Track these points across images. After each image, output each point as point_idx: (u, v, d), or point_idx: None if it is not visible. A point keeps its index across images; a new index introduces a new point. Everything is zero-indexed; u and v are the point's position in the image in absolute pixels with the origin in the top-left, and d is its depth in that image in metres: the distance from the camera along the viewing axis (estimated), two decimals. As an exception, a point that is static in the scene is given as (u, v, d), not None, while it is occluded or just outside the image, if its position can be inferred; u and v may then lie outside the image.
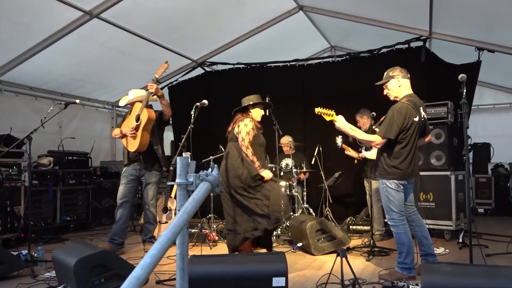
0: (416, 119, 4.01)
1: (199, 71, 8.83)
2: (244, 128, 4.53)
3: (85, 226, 7.40)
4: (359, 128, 5.81)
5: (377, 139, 3.98)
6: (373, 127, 4.98)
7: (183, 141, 4.15)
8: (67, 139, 7.27)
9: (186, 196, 1.99)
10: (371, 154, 5.11)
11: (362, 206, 6.78)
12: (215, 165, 2.06)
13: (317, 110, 4.20)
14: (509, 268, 2.46)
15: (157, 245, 1.57)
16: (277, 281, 2.79)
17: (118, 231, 5.46)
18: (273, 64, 8.28)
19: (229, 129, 4.75)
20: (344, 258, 3.26)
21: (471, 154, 8.93)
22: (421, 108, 4.15)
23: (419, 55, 6.89)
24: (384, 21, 7.16)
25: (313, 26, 8.61)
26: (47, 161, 6.81)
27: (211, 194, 6.61)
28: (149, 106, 5.43)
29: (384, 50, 7.33)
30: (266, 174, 4.45)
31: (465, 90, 3.77)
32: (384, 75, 4.22)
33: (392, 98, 4.22)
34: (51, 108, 4.79)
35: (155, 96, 5.36)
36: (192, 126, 4.30)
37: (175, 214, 5.93)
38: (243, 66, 8.46)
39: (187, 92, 8.67)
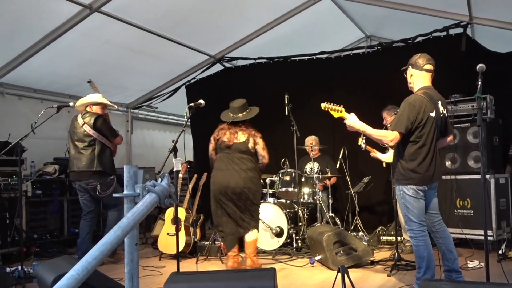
0: (433, 114, 3.87)
1: (218, 67, 8.86)
2: (263, 144, 5.22)
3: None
4: (384, 126, 5.67)
5: (388, 134, 3.86)
6: (388, 125, 4.84)
7: (173, 145, 4.16)
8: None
9: (134, 209, 1.97)
10: (387, 157, 4.96)
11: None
12: (167, 174, 2.04)
13: (323, 105, 4.13)
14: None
15: (79, 265, 1.54)
16: (263, 300, 2.74)
17: None
18: (297, 58, 8.20)
19: (236, 139, 5.15)
20: (346, 275, 3.18)
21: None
22: (440, 102, 4.01)
23: (459, 43, 6.66)
24: (420, 5, 6.94)
25: (343, 15, 8.48)
26: (53, 169, 6.96)
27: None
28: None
29: (420, 38, 7.13)
30: None
31: (480, 82, 3.60)
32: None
33: (409, 87, 4.15)
34: (42, 112, 4.88)
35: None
36: (184, 129, 4.32)
37: (184, 226, 5.97)
38: (265, 60, 8.43)
39: (205, 91, 8.69)
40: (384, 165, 5.92)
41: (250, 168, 5.09)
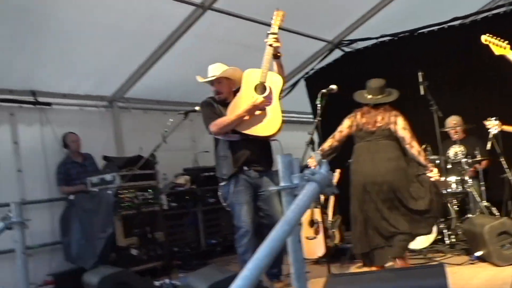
0: None
1: (337, 53, 8.80)
2: (403, 123, 4.79)
3: (232, 248, 7.42)
4: None
5: None
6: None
7: (310, 137, 4.19)
8: (201, 153, 7.79)
9: (294, 202, 1.97)
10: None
11: None
12: (325, 161, 2.03)
13: (484, 38, 3.97)
14: None
15: (251, 264, 1.56)
16: (436, 300, 2.69)
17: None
18: (426, 30, 7.87)
19: (379, 123, 4.80)
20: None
21: None
22: None
23: None
24: None
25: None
26: (184, 180, 7.33)
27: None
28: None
29: None
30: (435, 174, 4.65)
31: None
32: None
33: None
34: (171, 120, 5.15)
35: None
36: (319, 118, 4.36)
37: (323, 228, 5.98)
38: (389, 38, 8.20)
39: (327, 81, 8.56)
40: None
41: (396, 157, 4.71)
